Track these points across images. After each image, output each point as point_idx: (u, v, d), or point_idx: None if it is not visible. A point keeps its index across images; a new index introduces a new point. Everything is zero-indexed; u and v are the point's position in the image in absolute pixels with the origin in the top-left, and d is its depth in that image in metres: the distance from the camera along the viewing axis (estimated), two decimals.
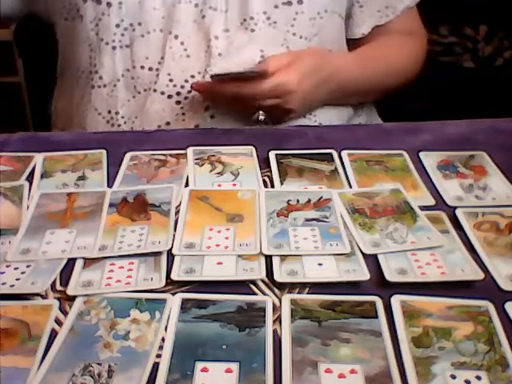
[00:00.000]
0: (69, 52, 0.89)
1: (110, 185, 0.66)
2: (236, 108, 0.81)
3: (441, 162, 0.70)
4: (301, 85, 0.77)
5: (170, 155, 0.71)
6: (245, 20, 0.82)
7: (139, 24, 0.81)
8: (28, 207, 0.61)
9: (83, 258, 0.54)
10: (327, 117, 0.87)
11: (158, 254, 0.54)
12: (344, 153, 0.71)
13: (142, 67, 0.82)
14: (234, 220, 0.59)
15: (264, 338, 0.46)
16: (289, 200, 0.62)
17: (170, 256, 0.54)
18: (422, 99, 1.07)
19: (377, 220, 0.59)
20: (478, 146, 0.72)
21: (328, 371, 0.44)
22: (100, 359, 0.44)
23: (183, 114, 0.82)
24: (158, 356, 0.45)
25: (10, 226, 0.59)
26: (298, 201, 0.62)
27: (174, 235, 0.57)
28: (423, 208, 0.61)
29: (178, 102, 0.82)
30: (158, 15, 0.81)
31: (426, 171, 0.68)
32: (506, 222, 0.59)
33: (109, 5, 0.80)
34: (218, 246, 0.55)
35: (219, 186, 0.65)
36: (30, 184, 0.65)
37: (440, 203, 0.63)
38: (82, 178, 0.67)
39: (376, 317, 0.48)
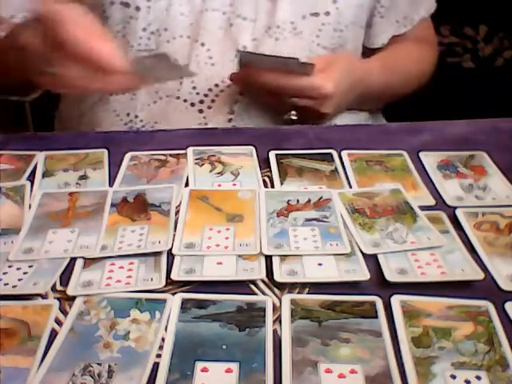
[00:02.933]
0: None
1: (111, 184, 0.66)
2: (268, 103, 0.80)
3: (441, 162, 0.70)
4: (337, 89, 0.77)
5: (170, 155, 0.70)
6: (270, 28, 0.82)
7: (165, 29, 0.81)
8: (30, 206, 0.61)
9: (85, 257, 0.54)
10: (344, 122, 0.87)
11: (158, 253, 0.54)
12: (344, 153, 0.71)
13: None
14: (233, 220, 0.59)
15: (264, 338, 0.46)
16: (289, 200, 0.62)
17: (170, 256, 0.54)
18: (422, 99, 1.07)
19: (377, 220, 0.59)
20: (478, 146, 0.72)
21: (328, 371, 0.44)
22: (100, 359, 0.44)
23: (206, 123, 0.82)
24: (158, 356, 0.45)
25: (12, 225, 0.59)
26: (298, 201, 0.62)
27: (174, 235, 0.57)
28: (423, 208, 0.61)
29: (200, 111, 0.82)
30: (186, 22, 0.81)
31: (426, 171, 0.68)
32: (506, 221, 0.59)
33: (137, 9, 0.80)
34: (218, 246, 0.55)
35: (219, 185, 0.65)
36: (32, 183, 0.65)
37: (440, 203, 0.63)
38: (84, 177, 0.67)
39: (376, 317, 0.48)
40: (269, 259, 0.54)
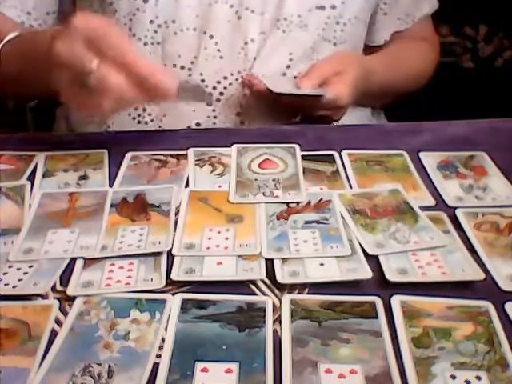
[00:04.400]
0: None
1: (111, 184, 0.66)
2: (277, 109, 0.80)
3: (441, 163, 0.70)
4: (350, 99, 0.78)
5: (171, 156, 0.70)
6: (278, 21, 0.82)
7: (173, 21, 0.81)
8: (30, 207, 0.61)
9: (85, 257, 0.54)
10: (346, 121, 0.87)
11: (158, 254, 0.54)
12: (344, 153, 0.71)
13: (174, 65, 0.81)
14: (233, 221, 0.59)
15: (264, 338, 0.46)
16: (289, 202, 0.62)
17: (170, 256, 0.54)
18: (422, 99, 1.07)
19: (378, 220, 0.59)
20: (478, 146, 0.72)
21: (328, 371, 0.44)
22: (100, 359, 0.44)
23: (214, 116, 0.82)
24: (158, 356, 0.45)
25: (12, 225, 0.59)
26: (297, 203, 0.62)
27: (173, 235, 0.57)
28: (423, 208, 0.61)
29: (209, 104, 0.82)
30: (193, 14, 0.81)
31: (426, 171, 0.68)
32: (506, 222, 0.59)
33: (145, 1, 0.79)
34: (217, 246, 0.55)
35: (219, 187, 0.65)
36: (32, 183, 0.65)
37: (440, 203, 0.63)
38: (84, 177, 0.67)
39: (376, 317, 0.48)
40: (269, 260, 0.54)
